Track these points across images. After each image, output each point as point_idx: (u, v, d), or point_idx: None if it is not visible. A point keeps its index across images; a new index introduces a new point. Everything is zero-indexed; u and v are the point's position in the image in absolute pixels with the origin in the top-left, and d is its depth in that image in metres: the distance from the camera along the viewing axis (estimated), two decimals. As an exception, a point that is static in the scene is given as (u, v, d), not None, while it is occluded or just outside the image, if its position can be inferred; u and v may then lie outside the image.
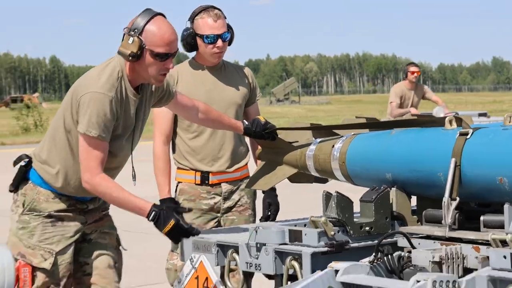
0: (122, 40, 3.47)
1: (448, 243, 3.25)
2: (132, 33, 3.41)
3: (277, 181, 3.95)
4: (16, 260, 3.48)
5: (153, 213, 3.38)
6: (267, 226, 3.67)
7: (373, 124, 3.83)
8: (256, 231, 3.67)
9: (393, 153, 3.53)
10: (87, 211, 3.67)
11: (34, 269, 3.50)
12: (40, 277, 3.54)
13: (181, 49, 4.45)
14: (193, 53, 4.58)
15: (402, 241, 3.39)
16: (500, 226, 3.16)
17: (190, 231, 3.46)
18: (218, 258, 3.72)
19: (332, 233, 3.49)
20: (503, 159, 3.15)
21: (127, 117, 3.57)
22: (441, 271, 3.16)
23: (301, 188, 4.14)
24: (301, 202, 9.93)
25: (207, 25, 4.35)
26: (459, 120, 3.41)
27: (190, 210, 3.85)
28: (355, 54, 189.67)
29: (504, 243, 2.99)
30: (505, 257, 2.87)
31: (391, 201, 3.59)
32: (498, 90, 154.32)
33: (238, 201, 4.59)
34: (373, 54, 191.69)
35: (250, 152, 4.67)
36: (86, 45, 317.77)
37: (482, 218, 3.25)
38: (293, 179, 4.06)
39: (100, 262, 3.68)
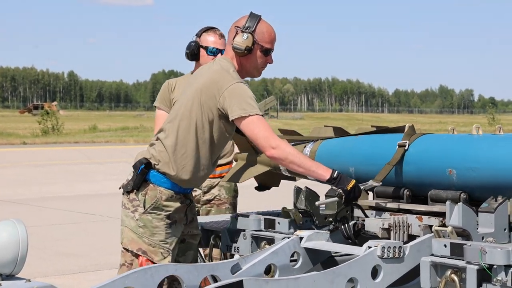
0: (234, 37, 3.33)
1: (395, 214, 3.24)
2: (246, 31, 3.33)
3: (251, 176, 3.90)
4: (137, 255, 3.32)
5: (337, 172, 3.21)
6: (245, 215, 3.65)
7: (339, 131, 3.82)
8: (236, 219, 3.65)
9: (357, 150, 3.52)
10: (188, 208, 3.45)
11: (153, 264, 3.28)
12: None
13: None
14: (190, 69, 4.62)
15: (357, 212, 3.37)
16: (443, 200, 3.14)
17: (361, 191, 3.25)
18: (202, 241, 3.68)
19: (301, 222, 3.47)
20: (451, 155, 3.16)
21: None
22: (389, 237, 3.15)
23: (278, 188, 4.11)
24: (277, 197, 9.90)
25: (212, 40, 4.45)
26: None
27: None
28: (325, 78, 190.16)
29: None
30: (445, 246, 2.86)
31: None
32: (443, 113, 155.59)
33: (217, 195, 4.58)
34: (340, 79, 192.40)
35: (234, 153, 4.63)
36: (99, 62, 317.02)
37: (429, 193, 3.22)
38: (260, 184, 4.01)
39: (186, 260, 3.51)
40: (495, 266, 2.71)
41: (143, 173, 3.32)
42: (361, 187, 3.27)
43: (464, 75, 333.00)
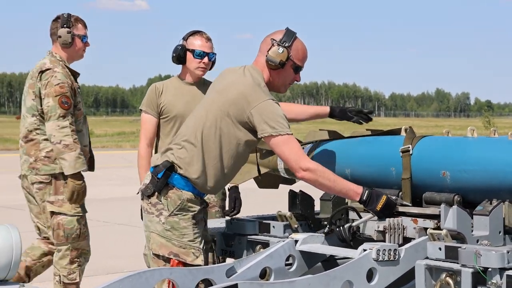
0: (269, 49, 3.33)
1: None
2: (282, 45, 3.33)
3: (250, 177, 3.90)
4: (169, 259, 3.28)
5: (367, 192, 3.17)
6: (240, 219, 3.65)
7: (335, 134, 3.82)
8: (231, 223, 3.64)
9: (354, 152, 3.51)
10: (204, 211, 3.45)
11: (186, 265, 3.26)
12: None
13: (170, 62, 4.45)
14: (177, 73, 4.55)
15: (352, 214, 3.37)
16: (437, 202, 3.14)
17: (396, 204, 3.23)
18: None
19: (296, 226, 3.47)
20: (446, 157, 3.16)
21: None
22: (384, 239, 3.14)
23: (272, 192, 4.11)
24: (272, 201, 9.90)
25: (198, 43, 4.38)
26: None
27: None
28: (322, 82, 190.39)
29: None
30: (440, 249, 2.86)
31: (346, 200, 3.57)
32: (439, 116, 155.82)
33: (206, 198, 4.54)
34: (336, 83, 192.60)
35: None
36: (95, 68, 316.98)
37: (424, 195, 3.23)
38: (261, 184, 4.01)
39: None
40: (490, 269, 2.71)
41: (167, 176, 3.29)
42: (394, 199, 3.24)
43: (461, 79, 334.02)
